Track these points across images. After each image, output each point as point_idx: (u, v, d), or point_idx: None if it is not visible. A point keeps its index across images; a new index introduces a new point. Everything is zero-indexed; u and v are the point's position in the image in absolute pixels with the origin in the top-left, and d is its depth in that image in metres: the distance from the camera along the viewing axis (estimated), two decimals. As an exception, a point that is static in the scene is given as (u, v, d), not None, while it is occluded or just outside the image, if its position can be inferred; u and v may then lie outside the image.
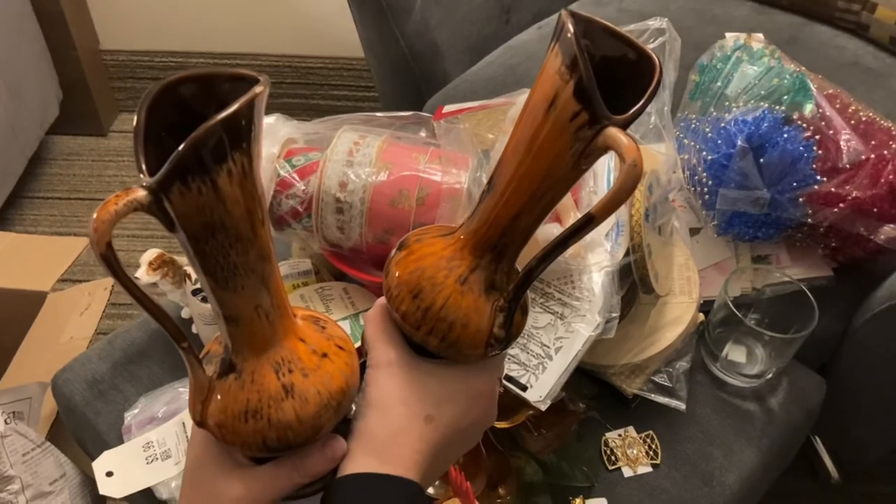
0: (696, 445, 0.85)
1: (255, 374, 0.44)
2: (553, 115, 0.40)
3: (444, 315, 0.45)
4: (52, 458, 0.96)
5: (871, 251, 0.91)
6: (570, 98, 0.39)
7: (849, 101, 0.94)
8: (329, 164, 0.82)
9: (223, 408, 0.44)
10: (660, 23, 0.90)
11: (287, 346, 0.45)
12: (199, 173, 0.36)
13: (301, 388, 0.44)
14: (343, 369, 0.46)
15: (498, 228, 0.45)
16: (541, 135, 0.41)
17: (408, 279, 0.46)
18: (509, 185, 0.43)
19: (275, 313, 0.44)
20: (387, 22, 1.22)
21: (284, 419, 0.43)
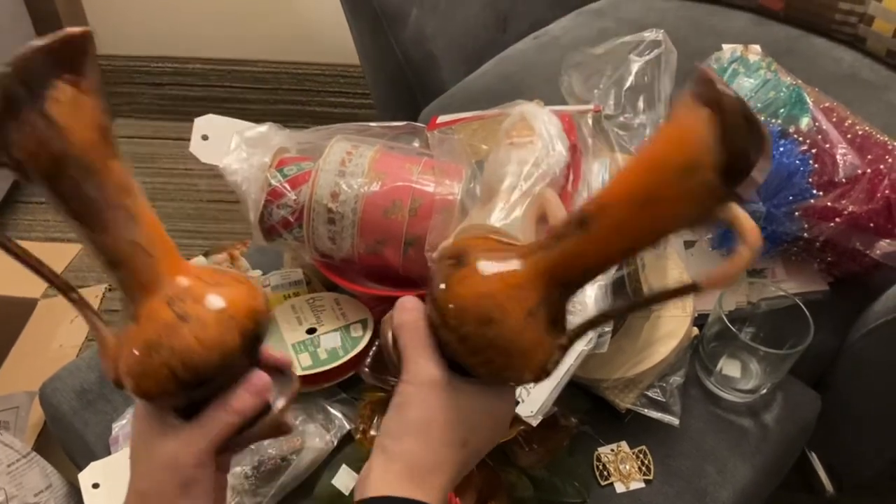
0: (689, 461, 0.84)
1: (150, 313, 0.44)
2: (688, 182, 0.38)
3: (508, 347, 0.44)
4: (37, 469, 0.95)
5: (867, 266, 0.91)
6: (712, 171, 0.37)
7: (845, 114, 0.93)
8: (321, 173, 0.81)
9: (128, 355, 0.44)
10: (656, 34, 0.90)
11: (176, 280, 0.45)
12: (31, 101, 0.38)
13: (196, 313, 0.44)
14: (242, 294, 0.46)
15: (581, 269, 0.44)
16: (667, 195, 0.39)
17: (476, 303, 0.44)
18: (611, 232, 0.42)
19: (155, 248, 0.45)
20: (382, 30, 1.22)
21: (185, 344, 0.43)
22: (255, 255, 0.98)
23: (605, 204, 0.43)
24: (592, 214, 0.43)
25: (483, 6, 1.33)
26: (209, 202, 1.84)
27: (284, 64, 1.93)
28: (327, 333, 0.84)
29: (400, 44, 1.24)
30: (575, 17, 1.42)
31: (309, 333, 0.84)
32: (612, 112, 0.89)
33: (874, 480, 1.29)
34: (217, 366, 0.44)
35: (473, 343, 0.44)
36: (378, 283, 0.87)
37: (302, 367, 0.80)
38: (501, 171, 0.78)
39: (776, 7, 1.33)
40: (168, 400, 0.45)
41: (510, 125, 0.81)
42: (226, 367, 0.45)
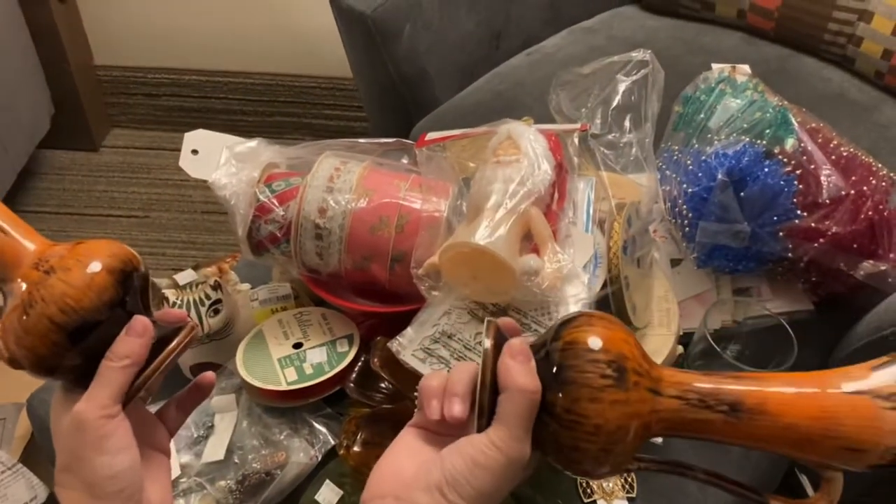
0: (671, 479, 0.84)
1: (20, 282, 0.48)
2: (849, 458, 0.42)
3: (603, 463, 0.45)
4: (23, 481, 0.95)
5: (852, 286, 0.91)
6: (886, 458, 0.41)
7: (831, 135, 0.94)
8: (309, 189, 0.82)
9: (11, 324, 0.47)
10: (643, 55, 0.91)
11: (41, 250, 0.50)
12: None
13: (60, 264, 0.48)
14: (104, 244, 0.50)
15: (698, 435, 0.46)
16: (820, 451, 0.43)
17: (614, 430, 0.44)
18: (753, 436, 0.44)
19: (10, 228, 0.50)
20: (375, 46, 1.23)
21: (55, 291, 0.47)
22: (245, 269, 0.99)
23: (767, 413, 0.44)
24: (749, 409, 0.44)
25: (477, 23, 1.34)
26: (203, 213, 1.85)
27: (280, 76, 1.94)
28: (313, 348, 0.84)
29: (393, 59, 1.25)
30: (567, 34, 1.43)
31: (295, 348, 0.85)
32: (599, 131, 0.90)
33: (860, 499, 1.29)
34: (93, 305, 0.48)
35: (582, 456, 0.44)
36: (365, 298, 0.88)
37: (287, 382, 0.81)
38: (487, 188, 0.78)
39: (766, 27, 1.34)
40: (60, 357, 0.48)
41: (497, 143, 0.82)
42: (102, 309, 0.48)
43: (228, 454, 0.80)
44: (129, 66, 1.97)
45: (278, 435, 0.81)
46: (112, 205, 1.88)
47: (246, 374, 0.82)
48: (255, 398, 0.83)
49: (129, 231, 1.82)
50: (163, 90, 1.99)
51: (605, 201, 0.83)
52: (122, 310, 0.50)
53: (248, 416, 0.82)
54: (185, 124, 2.02)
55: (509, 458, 0.44)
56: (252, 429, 0.81)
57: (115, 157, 2.00)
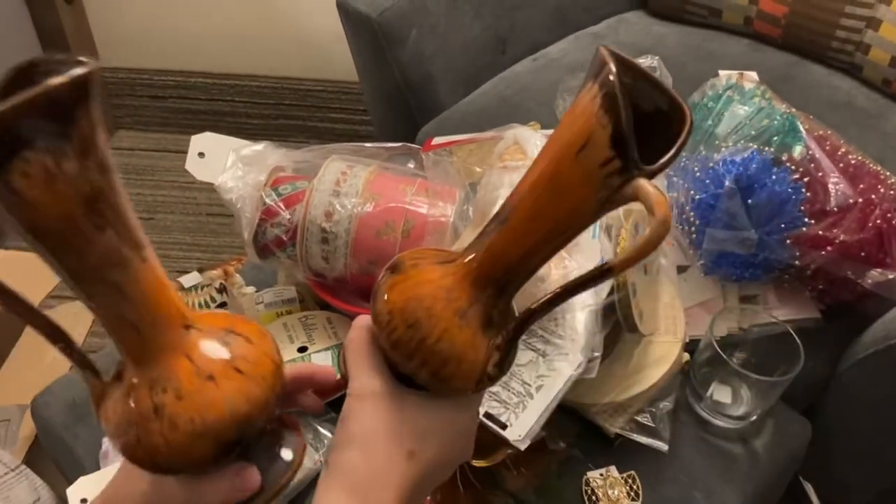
0: (678, 487, 0.84)
1: (133, 387, 0.41)
2: (583, 159, 0.38)
3: (440, 349, 0.43)
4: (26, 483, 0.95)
5: (859, 295, 0.91)
6: (604, 143, 0.37)
7: (839, 143, 0.94)
8: (315, 193, 0.82)
9: (107, 415, 0.42)
10: (650, 61, 0.91)
11: (168, 361, 0.41)
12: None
13: (172, 411, 0.40)
14: (231, 396, 0.41)
15: (504, 264, 0.43)
16: (566, 176, 0.39)
17: (403, 307, 0.44)
18: (524, 223, 0.42)
19: (146, 326, 0.41)
20: (382, 51, 1.23)
21: (152, 442, 0.40)
22: (250, 272, 0.99)
23: (515, 194, 0.42)
24: (506, 207, 0.43)
25: (483, 28, 1.34)
26: (208, 216, 1.85)
27: (286, 79, 1.94)
28: (318, 352, 0.84)
29: (399, 63, 1.25)
30: (574, 39, 1.43)
31: (300, 352, 0.84)
32: (606, 137, 0.90)
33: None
34: (185, 467, 0.42)
35: (405, 347, 0.44)
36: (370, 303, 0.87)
37: (292, 386, 0.80)
38: (493, 193, 0.78)
39: (774, 34, 1.34)
40: (199, 467, 0.43)
41: (503, 148, 0.82)
42: (193, 470, 0.43)
43: (232, 458, 0.79)
44: (135, 67, 1.97)
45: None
46: (117, 207, 1.88)
47: (250, 377, 0.81)
48: (260, 402, 0.82)
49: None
50: (168, 92, 1.99)
51: (612, 207, 0.83)
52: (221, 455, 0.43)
53: (253, 420, 0.82)
54: (191, 127, 2.02)
55: (358, 396, 0.45)
56: (256, 433, 0.81)
57: (121, 158, 2.00)
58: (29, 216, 0.35)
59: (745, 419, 0.88)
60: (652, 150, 0.38)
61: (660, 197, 0.37)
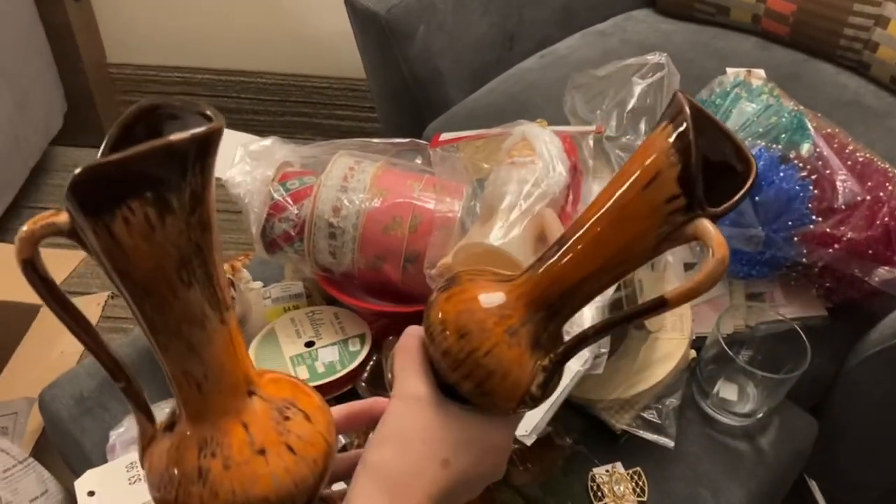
0: (684, 484, 0.84)
1: (182, 442, 0.41)
2: (650, 193, 0.40)
3: (487, 362, 0.44)
4: (34, 475, 0.95)
5: (866, 293, 0.91)
6: (672, 181, 0.39)
7: (846, 140, 0.94)
8: (323, 188, 0.82)
9: (151, 462, 0.42)
10: (659, 58, 0.91)
11: (223, 426, 0.41)
12: (93, 214, 0.33)
13: (216, 478, 0.39)
14: (279, 474, 0.40)
15: (561, 288, 0.44)
16: (631, 208, 0.41)
17: (456, 318, 0.45)
18: (585, 249, 0.43)
19: (210, 386, 0.40)
20: (389, 47, 1.23)
21: (189, 502, 0.40)
22: (257, 267, 0.99)
23: (580, 223, 0.44)
24: (569, 234, 0.44)
25: (490, 25, 1.34)
26: (214, 212, 1.85)
27: (292, 76, 1.94)
28: (325, 347, 0.84)
29: (406, 60, 1.25)
30: (581, 37, 1.43)
31: (307, 346, 0.85)
32: (614, 133, 0.90)
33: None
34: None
35: (454, 356, 0.45)
36: (377, 298, 0.88)
37: (299, 381, 0.81)
38: (502, 190, 0.78)
39: (781, 31, 1.34)
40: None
41: (511, 144, 0.82)
42: None
43: (239, 452, 0.79)
44: (142, 64, 1.97)
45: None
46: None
47: (258, 372, 0.81)
48: (267, 396, 0.82)
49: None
50: (175, 89, 1.99)
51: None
52: None
53: (260, 414, 0.82)
54: (197, 123, 2.02)
55: (402, 398, 0.46)
56: (263, 427, 0.81)
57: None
58: (121, 263, 0.35)
59: (751, 416, 0.88)
60: (714, 196, 0.40)
61: (721, 238, 0.38)
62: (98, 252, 0.35)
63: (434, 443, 0.45)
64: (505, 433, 0.49)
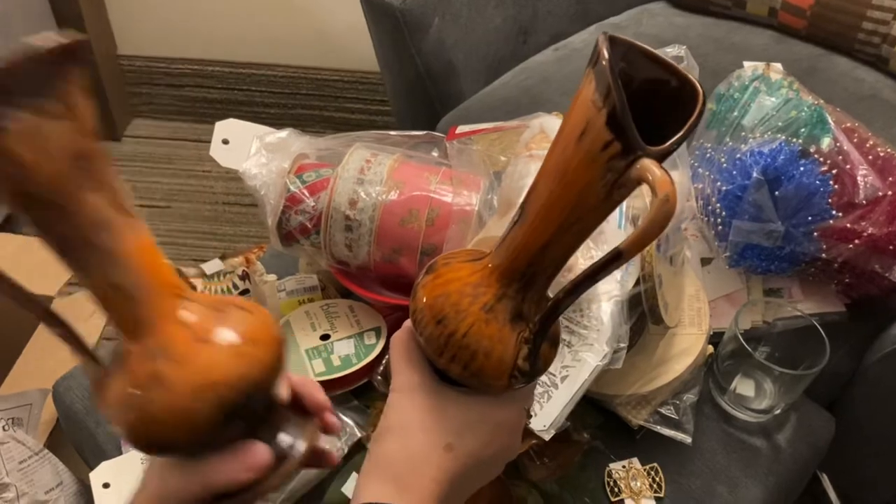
0: (700, 480, 0.83)
1: (130, 363, 0.40)
2: (585, 144, 0.38)
3: (467, 343, 0.44)
4: (49, 466, 0.95)
5: (886, 289, 0.90)
6: (602, 127, 0.37)
7: (867, 135, 0.93)
8: (340, 181, 0.81)
9: (107, 401, 0.41)
10: (678, 50, 0.90)
11: (162, 329, 0.40)
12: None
13: (171, 378, 0.39)
14: (231, 359, 0.40)
15: (526, 257, 0.44)
16: (572, 163, 0.39)
17: (432, 304, 0.45)
18: (539, 214, 0.42)
19: (139, 293, 0.40)
20: (403, 39, 1.22)
21: (153, 413, 0.39)
22: (271, 260, 0.99)
23: (532, 188, 0.43)
24: (524, 201, 0.44)
25: (504, 18, 1.33)
26: (225, 204, 1.85)
27: (303, 69, 1.94)
28: (341, 340, 0.84)
29: (420, 53, 1.24)
30: (596, 30, 1.42)
31: (322, 340, 0.84)
32: (632, 127, 0.89)
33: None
34: (186, 439, 0.40)
35: (435, 342, 0.45)
36: (393, 291, 0.87)
37: (315, 373, 0.80)
38: (519, 182, 0.78)
39: (798, 25, 1.33)
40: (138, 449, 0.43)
41: (529, 137, 0.81)
42: (199, 440, 0.41)
43: (255, 445, 0.79)
44: (153, 56, 1.97)
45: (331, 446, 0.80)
46: (133, 194, 1.88)
47: (273, 364, 0.81)
48: (282, 389, 0.82)
49: (151, 221, 1.82)
50: (185, 81, 1.99)
51: (638, 198, 0.82)
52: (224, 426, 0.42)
53: (275, 407, 0.82)
54: (208, 115, 2.02)
55: (398, 390, 0.47)
56: (278, 420, 0.81)
57: (137, 147, 2.00)
58: (17, 179, 0.35)
59: (768, 413, 0.87)
60: (669, 132, 0.38)
61: (663, 177, 0.36)
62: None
63: (434, 429, 0.46)
64: (510, 411, 0.49)
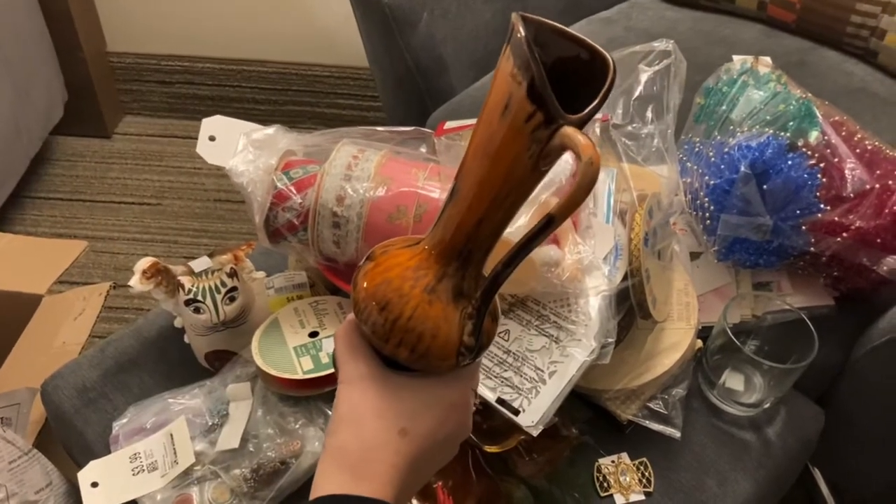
0: (690, 474, 0.83)
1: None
2: (508, 118, 0.40)
3: (413, 326, 0.45)
4: (38, 467, 0.95)
5: (874, 282, 0.90)
6: (523, 99, 0.39)
7: (855, 128, 0.93)
8: (327, 177, 0.81)
9: None
10: (666, 45, 0.90)
11: None
12: None
13: None
14: None
15: (462, 235, 0.45)
16: (497, 138, 0.41)
17: (374, 291, 0.46)
18: (471, 191, 0.43)
19: None
20: (392, 35, 1.22)
21: None
22: (260, 257, 0.98)
23: (461, 166, 0.44)
24: (456, 179, 0.45)
25: (494, 12, 1.33)
26: (216, 201, 1.85)
27: (294, 65, 1.93)
28: (330, 337, 0.84)
29: (410, 48, 1.24)
30: (585, 24, 1.42)
31: (311, 337, 0.84)
32: (620, 121, 0.88)
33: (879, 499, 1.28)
34: None
35: (381, 330, 0.45)
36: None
37: (303, 371, 0.80)
38: (507, 178, 0.77)
39: (787, 19, 1.33)
40: None
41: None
42: None
43: (243, 443, 0.79)
44: (143, 53, 1.96)
45: (293, 424, 0.80)
46: (124, 192, 1.88)
47: (262, 362, 0.81)
48: (271, 386, 0.82)
49: (142, 218, 1.82)
50: (176, 78, 1.98)
51: (626, 192, 0.82)
52: None
53: (264, 405, 0.82)
54: (198, 112, 2.01)
55: (345, 382, 0.48)
56: (267, 417, 0.81)
57: (128, 144, 1.99)
58: None
59: (757, 407, 0.87)
60: (588, 104, 0.40)
61: (586, 142, 0.38)
62: None
63: (387, 415, 0.46)
64: (459, 390, 0.49)
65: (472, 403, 0.51)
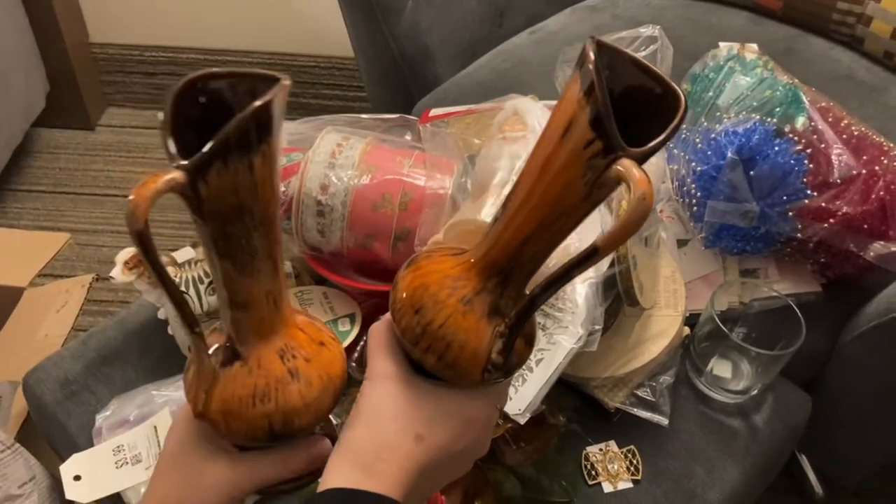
0: (678, 461, 0.83)
1: (261, 360, 0.46)
2: (568, 142, 0.39)
3: (443, 334, 0.45)
4: (21, 461, 0.94)
5: (861, 268, 0.90)
6: (585, 126, 0.38)
7: (841, 114, 0.92)
8: (311, 165, 0.80)
9: (230, 395, 0.45)
10: (652, 30, 0.89)
11: (289, 333, 0.47)
12: (240, 154, 0.37)
13: (305, 372, 0.46)
14: (338, 358, 0.49)
15: (506, 253, 0.44)
16: (554, 161, 0.40)
17: (412, 294, 0.46)
18: (520, 210, 0.43)
19: (281, 300, 0.46)
20: (377, 23, 1.20)
21: (291, 402, 0.45)
22: (244, 247, 0.97)
23: (516, 184, 0.44)
24: (507, 197, 0.44)
25: (479, 1, 1.32)
26: (201, 193, 1.83)
27: (279, 55, 1.91)
28: (316, 325, 0.83)
29: (395, 36, 1.23)
30: (571, 12, 1.41)
31: (296, 327, 0.83)
32: (607, 108, 0.88)
33: (863, 484, 1.29)
34: (311, 425, 0.47)
35: (412, 332, 0.46)
36: (367, 276, 0.86)
37: (288, 361, 0.79)
38: (493, 165, 0.77)
39: (774, 6, 1.32)
40: (247, 443, 0.48)
41: (503, 119, 0.80)
42: (314, 427, 0.48)
43: (228, 434, 0.78)
44: (126, 43, 1.94)
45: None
46: (108, 184, 1.86)
47: (246, 352, 0.80)
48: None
49: (125, 211, 1.79)
50: (160, 68, 1.96)
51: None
52: None
53: (248, 396, 0.81)
54: (183, 103, 1.99)
55: (371, 378, 0.48)
56: (252, 408, 0.80)
57: (111, 136, 1.97)
58: (250, 194, 0.40)
59: (745, 393, 0.87)
60: (652, 136, 0.39)
61: (641, 177, 0.37)
62: (216, 196, 0.39)
63: (406, 418, 0.46)
64: (483, 406, 0.49)
65: (494, 422, 0.51)
